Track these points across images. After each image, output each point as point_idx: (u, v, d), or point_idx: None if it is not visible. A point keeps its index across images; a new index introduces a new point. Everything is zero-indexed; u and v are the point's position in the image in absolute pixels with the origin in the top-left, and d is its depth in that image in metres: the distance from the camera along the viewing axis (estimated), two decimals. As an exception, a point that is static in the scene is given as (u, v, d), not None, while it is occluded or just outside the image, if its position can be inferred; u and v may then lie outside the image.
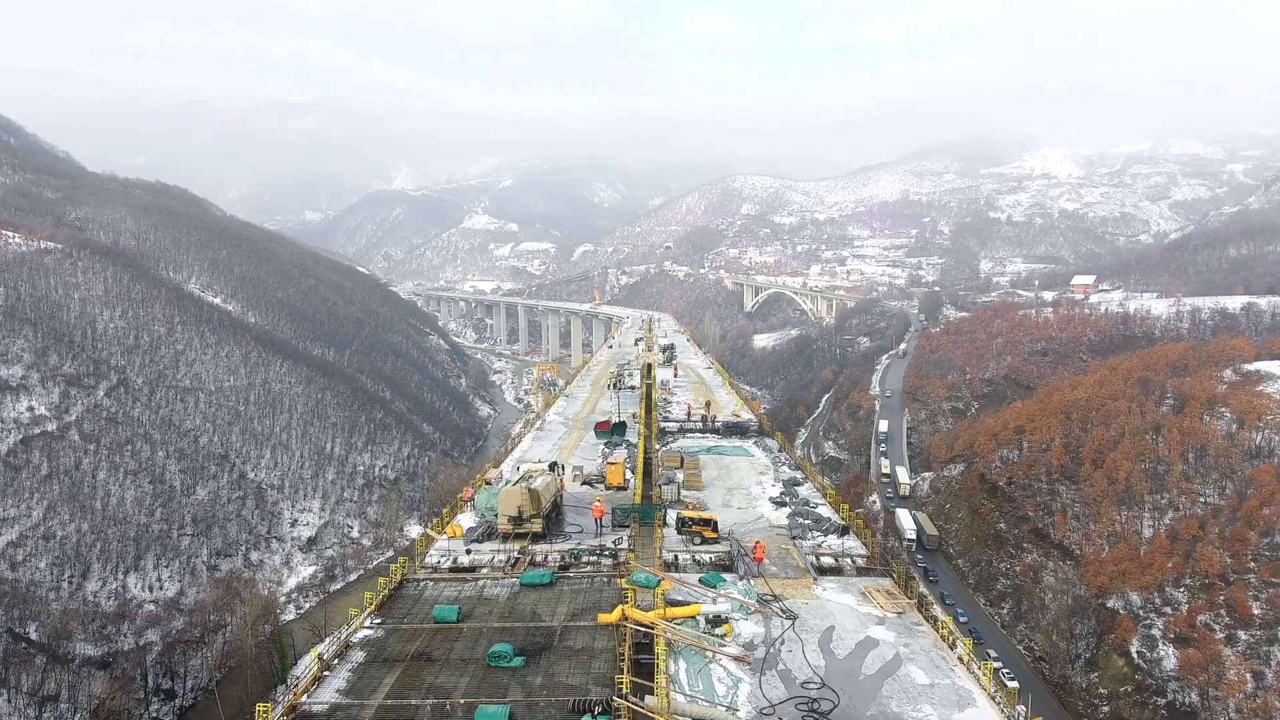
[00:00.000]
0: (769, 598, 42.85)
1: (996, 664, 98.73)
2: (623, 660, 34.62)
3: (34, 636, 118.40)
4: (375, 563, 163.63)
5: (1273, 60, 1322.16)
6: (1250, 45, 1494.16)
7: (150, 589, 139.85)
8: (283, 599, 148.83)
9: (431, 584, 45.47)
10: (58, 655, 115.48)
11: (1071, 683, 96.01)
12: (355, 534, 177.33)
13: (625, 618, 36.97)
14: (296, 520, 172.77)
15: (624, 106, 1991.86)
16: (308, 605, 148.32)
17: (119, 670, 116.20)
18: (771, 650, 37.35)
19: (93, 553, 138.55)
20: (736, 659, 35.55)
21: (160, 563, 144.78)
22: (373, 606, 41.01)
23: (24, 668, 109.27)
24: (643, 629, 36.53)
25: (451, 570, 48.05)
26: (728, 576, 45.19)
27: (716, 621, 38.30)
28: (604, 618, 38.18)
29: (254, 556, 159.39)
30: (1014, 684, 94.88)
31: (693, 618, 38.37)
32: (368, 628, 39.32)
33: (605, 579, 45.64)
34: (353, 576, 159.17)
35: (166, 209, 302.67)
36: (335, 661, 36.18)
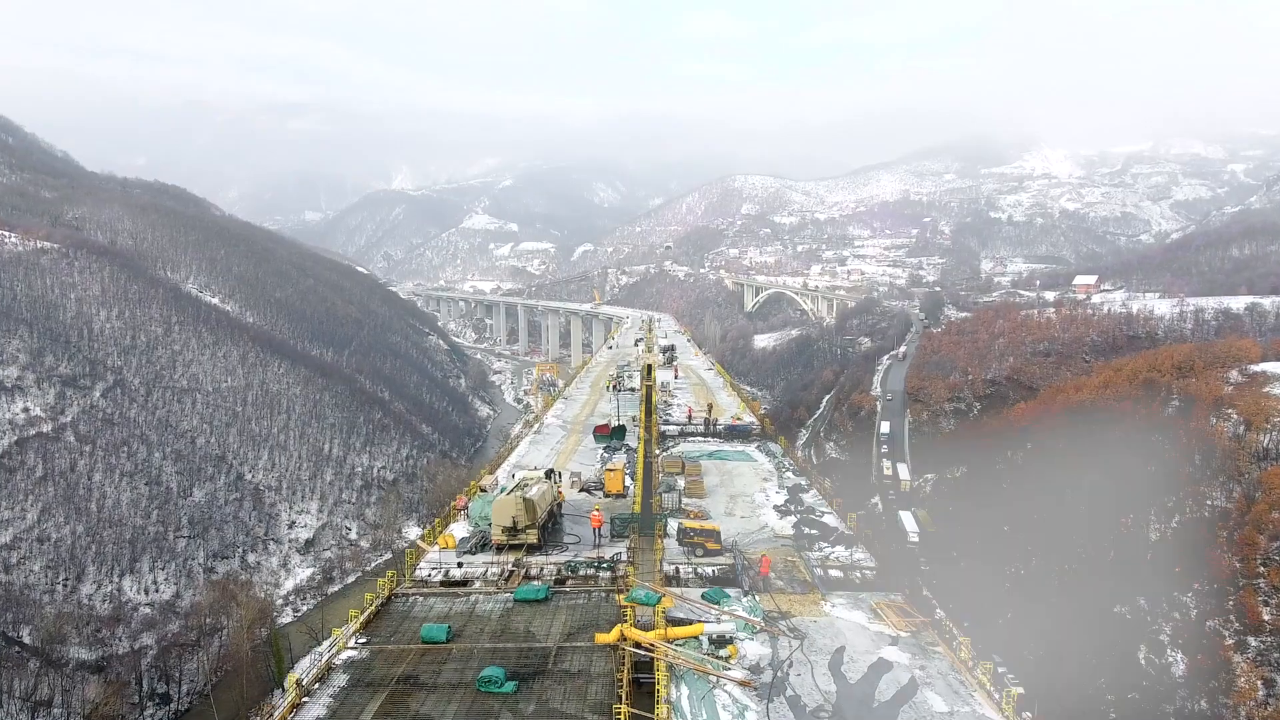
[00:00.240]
0: (775, 615, 40.86)
1: (1001, 670, 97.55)
2: (621, 687, 32.57)
3: (27, 640, 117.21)
4: (374, 564, 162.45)
5: (1273, 60, 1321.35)
6: (1250, 45, 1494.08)
7: (146, 592, 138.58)
8: (280, 601, 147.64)
9: (421, 599, 43.39)
10: (51, 659, 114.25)
11: (1077, 688, 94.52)
12: (353, 536, 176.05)
13: (624, 638, 35.10)
14: (294, 522, 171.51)
15: (624, 106, 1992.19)
16: (305, 608, 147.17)
17: (113, 674, 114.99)
18: (779, 674, 35.29)
19: (88, 555, 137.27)
20: (742, 684, 33.39)
21: (156, 565, 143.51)
22: (357, 625, 39.04)
23: (16, 672, 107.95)
24: (642, 652, 34.71)
25: (442, 584, 45.98)
26: (732, 592, 43.12)
27: (721, 642, 36.37)
28: (601, 638, 36.15)
29: (251, 558, 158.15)
30: (1019, 690, 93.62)
31: (695, 638, 36.30)
32: (351, 648, 37.38)
33: (603, 594, 43.50)
34: (350, 579, 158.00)
35: (164, 208, 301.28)
36: (316, 686, 34.29)
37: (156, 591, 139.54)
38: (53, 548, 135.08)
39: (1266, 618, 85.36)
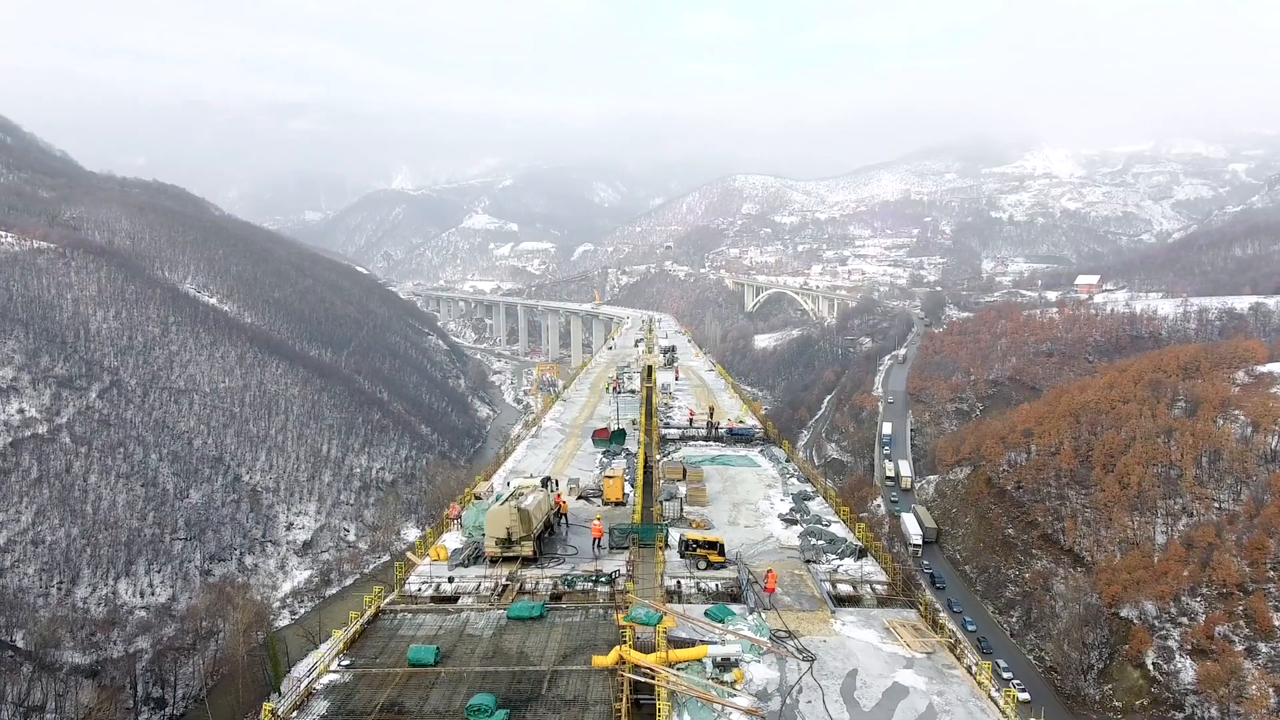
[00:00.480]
0: (783, 634, 38.72)
1: (1006, 674, 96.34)
2: (620, 716, 30.57)
3: (21, 644, 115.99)
4: (371, 566, 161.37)
5: (1273, 60, 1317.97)
6: (1250, 45, 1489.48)
7: (141, 595, 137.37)
8: (277, 604, 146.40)
9: (410, 616, 41.37)
10: (45, 664, 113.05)
11: (1085, 694, 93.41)
12: (351, 537, 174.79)
13: (623, 661, 33.11)
14: (292, 524, 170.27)
15: (624, 106, 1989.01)
16: (303, 610, 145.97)
17: (108, 679, 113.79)
18: (788, 701, 33.05)
19: (83, 558, 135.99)
20: (748, 712, 31.44)
21: (152, 568, 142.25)
22: (341, 647, 37.00)
23: (10, 677, 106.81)
24: (642, 678, 32.92)
25: (433, 599, 44.10)
26: (736, 608, 41.22)
27: (725, 665, 34.51)
28: (599, 661, 34.16)
29: (248, 561, 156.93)
30: (1025, 695, 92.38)
31: (699, 660, 34.61)
32: (334, 670, 35.32)
33: (601, 611, 41.50)
34: (348, 581, 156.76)
35: (162, 208, 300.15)
36: (294, 715, 32.36)
37: (152, 594, 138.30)
38: (47, 550, 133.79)
39: (1277, 624, 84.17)
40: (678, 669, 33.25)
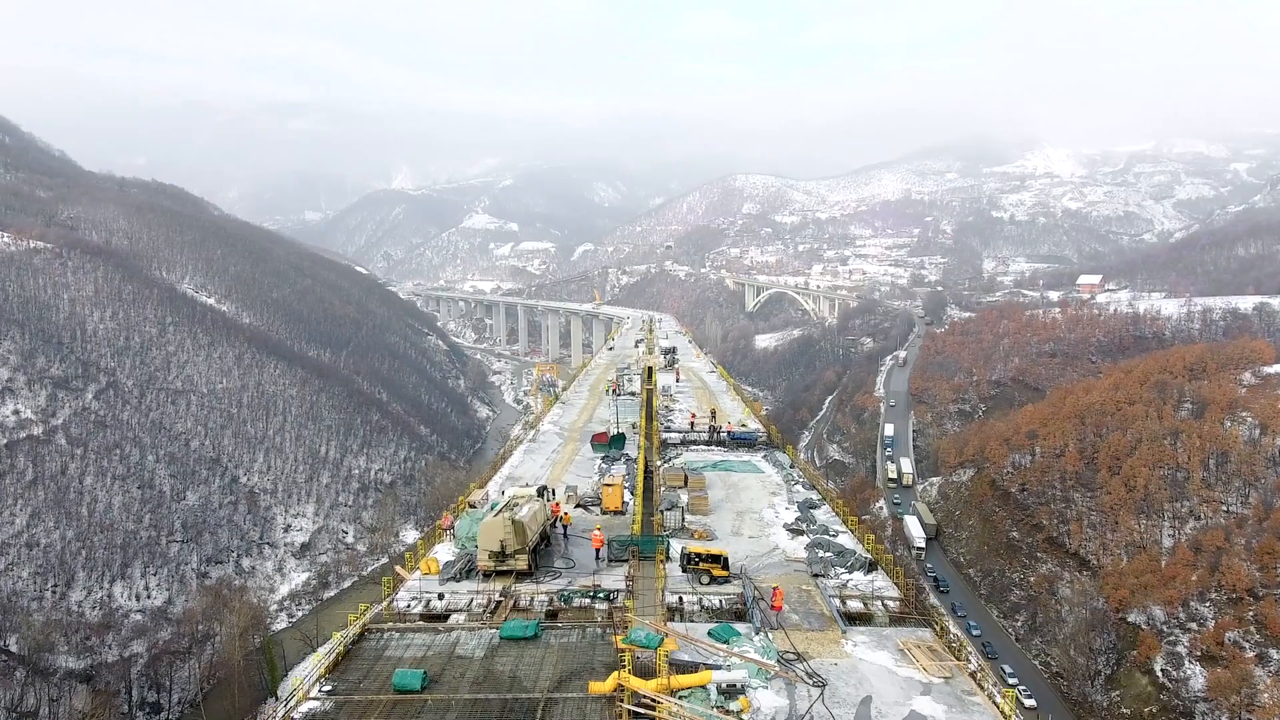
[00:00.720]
0: (791, 656, 36.46)
1: (1012, 680, 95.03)
2: None
3: (14, 649, 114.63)
4: (370, 569, 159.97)
5: (1273, 60, 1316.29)
6: (1250, 45, 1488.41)
7: (137, 598, 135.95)
8: (274, 607, 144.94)
9: (397, 636, 39.07)
10: (39, 668, 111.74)
11: (1092, 701, 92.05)
12: (350, 539, 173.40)
13: (621, 688, 31.35)
14: (290, 525, 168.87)
15: (624, 106, 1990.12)
16: (300, 613, 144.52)
17: (102, 683, 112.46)
18: None
19: (78, 561, 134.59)
20: None
21: (148, 571, 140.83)
22: (322, 670, 34.98)
23: (3, 682, 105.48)
24: (642, 709, 31.25)
25: (422, 617, 42.03)
26: (741, 628, 39.03)
27: (731, 692, 32.40)
28: (596, 687, 32.16)
29: (245, 563, 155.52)
30: (1031, 702, 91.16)
31: (702, 687, 32.58)
32: (314, 697, 33.25)
33: (599, 630, 39.26)
34: (347, 583, 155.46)
35: (160, 208, 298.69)
36: (271, 747, 30.74)
37: (148, 598, 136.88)
38: (42, 553, 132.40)
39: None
40: (680, 696, 31.48)
